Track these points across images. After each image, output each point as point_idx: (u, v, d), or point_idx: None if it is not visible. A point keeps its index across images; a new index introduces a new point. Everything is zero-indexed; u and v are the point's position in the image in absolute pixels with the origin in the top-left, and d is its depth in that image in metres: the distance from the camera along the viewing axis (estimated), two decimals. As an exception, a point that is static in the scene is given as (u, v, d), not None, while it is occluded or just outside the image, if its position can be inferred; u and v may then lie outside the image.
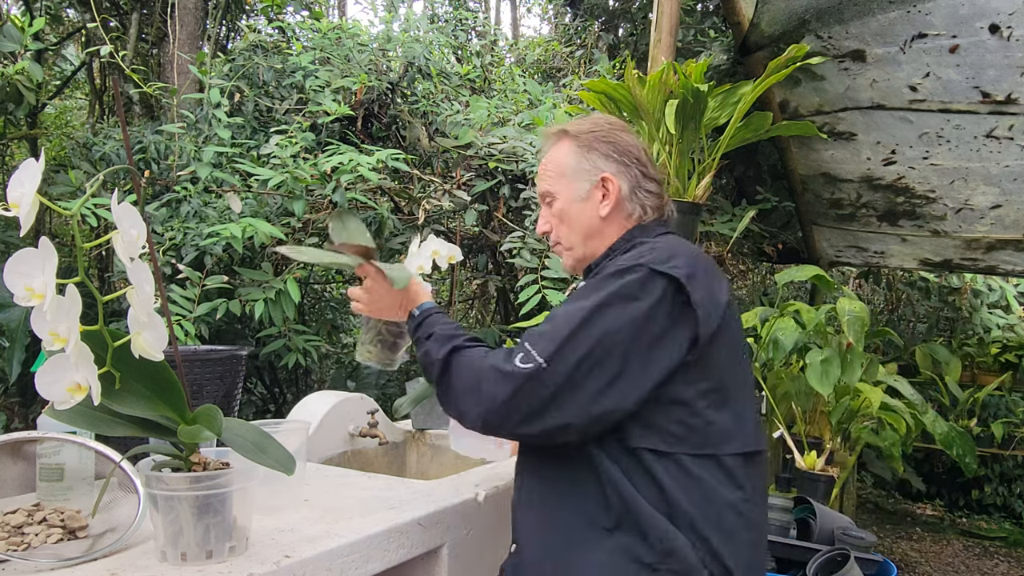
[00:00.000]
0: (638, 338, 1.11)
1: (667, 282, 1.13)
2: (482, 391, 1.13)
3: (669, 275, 1.13)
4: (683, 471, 1.12)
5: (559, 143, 1.36)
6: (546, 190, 1.36)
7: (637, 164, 1.32)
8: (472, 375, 1.16)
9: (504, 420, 1.12)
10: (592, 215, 1.31)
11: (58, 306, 0.85)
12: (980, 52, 2.62)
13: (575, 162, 1.32)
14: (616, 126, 1.36)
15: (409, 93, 3.62)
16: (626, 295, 1.12)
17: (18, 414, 3.02)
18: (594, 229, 1.32)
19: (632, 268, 1.14)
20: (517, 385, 1.10)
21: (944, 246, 3.98)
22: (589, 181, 1.31)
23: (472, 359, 1.18)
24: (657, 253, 1.17)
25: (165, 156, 3.10)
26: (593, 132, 1.33)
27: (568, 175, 1.33)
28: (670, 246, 1.21)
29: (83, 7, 3.97)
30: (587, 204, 1.32)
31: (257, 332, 2.88)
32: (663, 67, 2.29)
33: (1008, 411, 4.67)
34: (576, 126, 1.36)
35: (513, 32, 9.55)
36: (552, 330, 1.12)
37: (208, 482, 1.02)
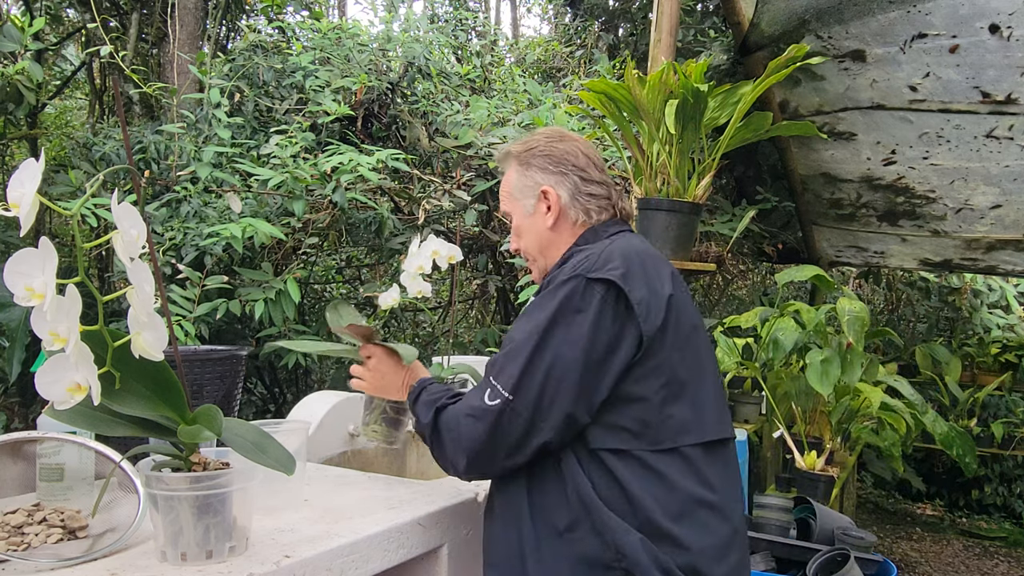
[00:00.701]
0: (590, 349, 1.14)
1: (604, 287, 1.16)
2: (462, 436, 1.18)
3: (604, 279, 1.16)
4: (644, 467, 1.14)
5: (508, 165, 1.42)
6: (505, 211, 1.44)
7: (575, 170, 1.36)
8: (453, 425, 1.21)
9: (491, 458, 1.17)
10: (541, 228, 1.37)
11: (58, 306, 0.85)
12: (980, 52, 2.62)
13: (518, 180, 1.39)
14: (553, 137, 1.40)
15: (409, 93, 3.62)
16: (569, 309, 1.16)
17: (18, 414, 3.02)
18: (546, 240, 1.37)
19: (568, 281, 1.18)
20: (491, 422, 1.15)
21: (944, 246, 3.98)
22: (532, 196, 1.37)
23: (452, 412, 1.23)
24: (591, 260, 1.20)
25: (165, 156, 3.10)
26: (530, 148, 1.38)
27: (515, 194, 1.40)
28: (607, 250, 1.22)
29: (83, 7, 3.97)
30: (535, 218, 1.37)
31: (257, 332, 2.88)
32: (663, 67, 2.29)
33: (1008, 411, 4.68)
34: (519, 145, 1.41)
35: (513, 32, 9.56)
36: (509, 361, 1.17)
37: (208, 482, 1.02)
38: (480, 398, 1.18)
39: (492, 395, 1.16)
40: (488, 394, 1.17)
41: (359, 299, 4.29)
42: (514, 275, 3.49)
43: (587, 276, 1.16)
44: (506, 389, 1.15)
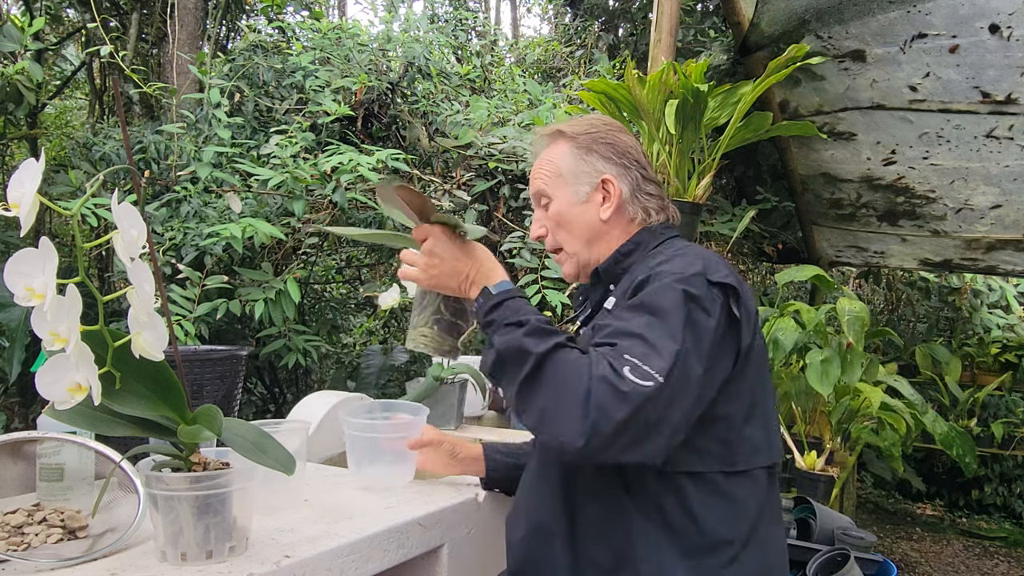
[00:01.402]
0: (710, 356, 1.03)
1: (723, 293, 1.07)
2: (591, 405, 0.94)
3: (725, 284, 1.07)
4: (715, 490, 1.08)
5: (555, 143, 1.31)
6: (541, 190, 1.30)
7: (637, 166, 1.28)
8: (577, 384, 0.97)
9: (609, 444, 0.95)
10: (593, 218, 1.26)
11: (58, 306, 0.85)
12: (980, 52, 2.62)
13: (573, 163, 1.27)
14: (614, 127, 1.31)
15: (409, 93, 3.62)
16: (697, 308, 1.03)
17: (18, 414, 3.02)
18: (596, 233, 1.26)
19: (691, 279, 1.05)
20: (637, 405, 0.94)
21: (944, 246, 3.98)
22: (589, 184, 1.26)
23: (577, 365, 0.99)
24: (703, 261, 1.09)
25: (165, 156, 3.10)
26: (591, 133, 1.28)
27: (566, 177, 1.27)
28: (703, 253, 1.14)
29: (83, 7, 3.97)
30: (587, 207, 1.26)
31: (257, 332, 2.88)
32: (663, 67, 2.29)
33: (1008, 411, 4.68)
34: (572, 127, 1.30)
35: (513, 32, 9.56)
36: (657, 343, 0.98)
37: (208, 482, 1.02)
38: (620, 373, 0.95)
39: (642, 374, 0.95)
40: (635, 372, 0.95)
41: (359, 299, 4.29)
42: (514, 275, 3.49)
43: (709, 278, 1.06)
44: (660, 373, 0.95)
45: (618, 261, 1.25)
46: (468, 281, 1.17)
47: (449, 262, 1.18)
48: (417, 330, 1.21)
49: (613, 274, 1.25)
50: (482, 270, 1.18)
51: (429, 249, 1.19)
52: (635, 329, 1.01)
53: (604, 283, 1.26)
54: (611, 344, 1.01)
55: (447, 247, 1.18)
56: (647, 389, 0.94)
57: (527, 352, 1.02)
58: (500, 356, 1.06)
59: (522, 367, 1.02)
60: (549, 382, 1.00)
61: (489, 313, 1.12)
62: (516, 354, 1.03)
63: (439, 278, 1.18)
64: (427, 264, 1.18)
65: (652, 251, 1.23)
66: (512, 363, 1.04)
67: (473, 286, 1.17)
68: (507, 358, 1.05)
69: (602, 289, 1.26)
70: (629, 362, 0.97)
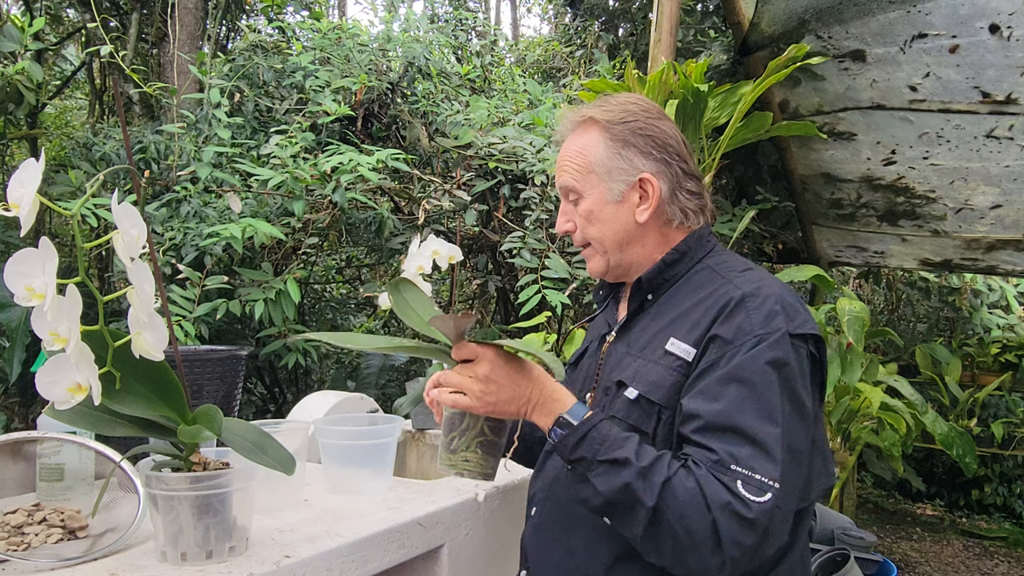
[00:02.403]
0: (810, 414, 1.00)
1: (806, 345, 1.02)
2: (722, 541, 0.90)
3: (809, 336, 1.03)
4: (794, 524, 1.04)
5: (585, 131, 1.17)
6: (571, 186, 1.17)
7: (678, 160, 1.15)
8: (701, 521, 0.91)
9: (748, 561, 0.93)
10: (627, 220, 1.15)
11: (58, 306, 0.85)
12: (980, 52, 2.62)
13: (607, 158, 1.14)
14: (652, 113, 1.17)
15: (409, 93, 3.62)
16: (792, 373, 0.98)
17: (18, 414, 3.02)
18: (632, 235, 1.15)
19: (777, 342, 0.99)
20: (765, 525, 0.91)
21: (944, 246, 3.98)
22: (625, 182, 1.14)
23: (693, 497, 0.92)
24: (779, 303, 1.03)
25: (165, 156, 3.10)
26: (628, 123, 1.14)
27: (599, 172, 1.15)
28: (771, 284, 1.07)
29: (83, 7, 3.97)
30: (622, 207, 1.14)
31: (257, 332, 2.88)
32: (663, 67, 2.29)
33: (1008, 411, 4.67)
34: (606, 112, 1.16)
35: (513, 32, 9.56)
36: (759, 435, 0.94)
37: (208, 482, 1.02)
38: (736, 493, 0.92)
39: (757, 489, 0.92)
40: (748, 488, 0.92)
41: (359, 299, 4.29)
42: (514, 275, 3.49)
43: (792, 333, 1.00)
44: (773, 480, 0.92)
45: (662, 271, 1.16)
46: (530, 405, 1.04)
47: (508, 388, 1.03)
48: (458, 455, 1.09)
49: (656, 284, 1.17)
50: (545, 392, 1.04)
51: (485, 375, 1.02)
52: (731, 421, 0.95)
53: (644, 291, 1.18)
54: (709, 449, 0.95)
55: (505, 371, 1.03)
56: (768, 504, 0.91)
57: (639, 503, 0.94)
58: (609, 502, 0.97)
59: (636, 517, 0.95)
60: (671, 526, 0.93)
61: (576, 449, 0.99)
62: (627, 504, 0.95)
63: (496, 405, 1.03)
64: (483, 392, 1.02)
65: (699, 263, 1.16)
66: (624, 510, 0.96)
67: (537, 411, 1.04)
68: (616, 503, 0.96)
69: (641, 298, 1.18)
70: (740, 475, 0.93)
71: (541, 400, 1.04)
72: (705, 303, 1.09)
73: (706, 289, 1.11)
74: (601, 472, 0.96)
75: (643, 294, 1.18)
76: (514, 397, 1.03)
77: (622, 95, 1.22)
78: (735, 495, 0.91)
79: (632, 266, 1.19)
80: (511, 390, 1.03)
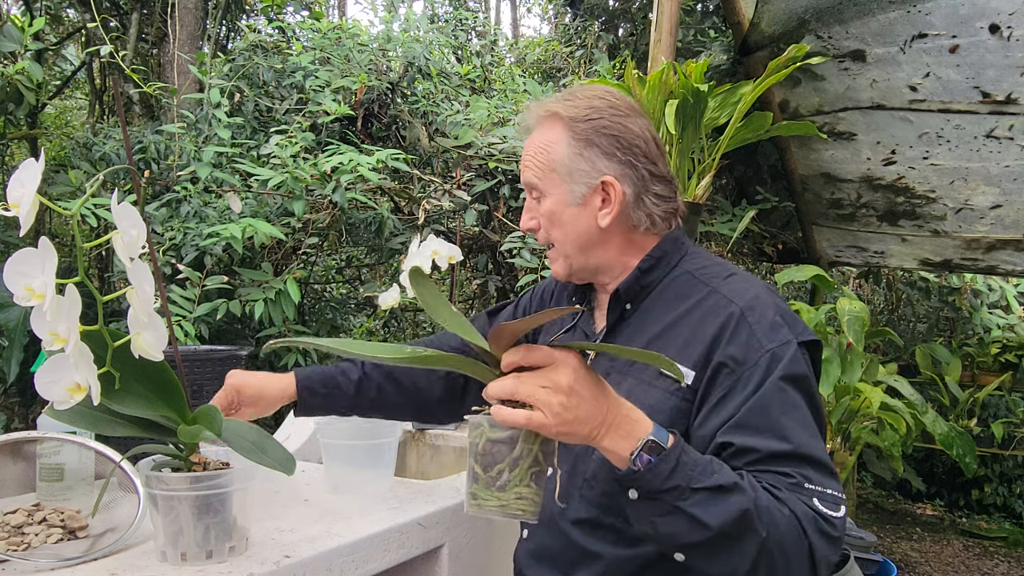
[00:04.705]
0: (824, 426, 1.02)
1: (809, 352, 1.02)
2: (817, 563, 0.88)
3: (812, 342, 1.02)
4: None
5: (550, 127, 1.12)
6: (533, 183, 1.12)
7: (645, 162, 1.09)
8: (799, 545, 0.87)
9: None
10: (589, 224, 1.10)
11: (58, 306, 0.85)
12: (980, 52, 2.62)
13: (569, 159, 1.09)
14: (620, 110, 1.11)
15: (409, 93, 3.62)
16: (811, 390, 0.99)
17: (18, 414, 3.02)
18: (593, 240, 1.11)
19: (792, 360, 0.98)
20: (840, 538, 0.91)
21: (944, 246, 3.98)
22: (586, 184, 1.09)
23: (788, 519, 0.88)
24: (779, 313, 1.02)
25: (165, 156, 3.10)
26: (591, 120, 1.09)
27: (560, 173, 1.09)
28: (770, 299, 1.04)
29: (83, 7, 3.97)
30: (583, 211, 1.09)
31: (257, 332, 2.88)
32: (663, 67, 2.29)
33: (1008, 411, 4.67)
34: (571, 108, 1.10)
35: (513, 32, 9.56)
36: (818, 457, 0.94)
37: (208, 482, 1.02)
38: (818, 512, 0.90)
39: (832, 504, 0.91)
40: (825, 503, 0.90)
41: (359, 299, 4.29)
42: (514, 275, 3.49)
43: (797, 341, 0.99)
44: (839, 491, 0.93)
45: (638, 279, 1.12)
46: (605, 426, 0.86)
47: (589, 403, 0.85)
48: (509, 491, 0.85)
49: (633, 293, 1.13)
50: (622, 411, 0.88)
51: (569, 386, 0.83)
52: (788, 445, 0.93)
53: (622, 302, 1.13)
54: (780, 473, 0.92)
55: (588, 383, 0.85)
56: (843, 518, 0.91)
57: (753, 533, 0.85)
58: (721, 534, 0.85)
59: (744, 549, 0.86)
60: (772, 555, 0.86)
61: (670, 477, 0.85)
62: (738, 535, 0.86)
63: (573, 425, 0.84)
64: (564, 407, 0.82)
65: (676, 268, 1.13)
66: (731, 543, 0.86)
67: (612, 433, 0.87)
68: (727, 536, 0.85)
69: (620, 308, 1.14)
70: (815, 492, 0.91)
71: (618, 421, 0.87)
72: (694, 315, 1.05)
73: (691, 298, 1.08)
74: (701, 501, 0.85)
75: (621, 304, 1.14)
76: (592, 415, 0.85)
77: (592, 87, 1.16)
78: (819, 514, 0.89)
79: (597, 270, 1.15)
80: (591, 406, 0.85)
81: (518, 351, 0.85)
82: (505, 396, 0.84)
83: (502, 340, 0.86)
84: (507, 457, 0.85)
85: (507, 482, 0.85)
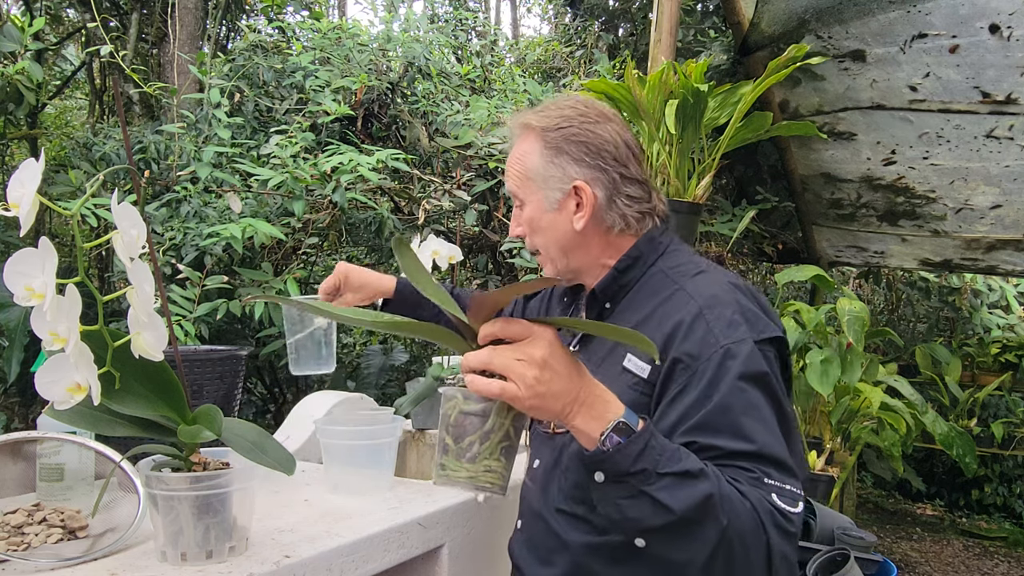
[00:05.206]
0: (787, 423, 1.01)
1: (774, 348, 1.04)
2: (774, 557, 0.89)
3: (774, 339, 1.04)
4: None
5: (525, 138, 1.18)
6: (514, 192, 1.20)
7: (616, 165, 1.14)
8: (758, 539, 0.89)
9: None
10: (566, 228, 1.15)
11: (58, 306, 0.85)
12: (980, 52, 2.62)
13: (542, 166, 1.14)
14: (590, 117, 1.15)
15: (409, 93, 3.62)
16: (773, 388, 1.00)
17: (18, 414, 3.02)
18: (572, 243, 1.16)
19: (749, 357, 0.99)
20: (797, 534, 0.93)
21: (944, 246, 3.98)
22: (560, 190, 1.14)
23: (749, 512, 0.89)
24: (740, 310, 1.03)
25: (165, 156, 3.10)
26: (562, 129, 1.14)
27: (536, 180, 1.15)
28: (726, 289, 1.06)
29: (83, 7, 3.97)
30: (560, 215, 1.15)
31: (257, 332, 2.88)
32: (663, 67, 2.29)
33: (1008, 411, 4.67)
34: (543, 118, 1.16)
35: (513, 32, 9.56)
36: (777, 454, 0.95)
37: (208, 482, 1.02)
38: (776, 507, 0.91)
39: (790, 499, 0.93)
40: (784, 498, 0.92)
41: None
42: (514, 275, 3.49)
43: (755, 339, 1.00)
44: (797, 487, 0.94)
45: (616, 279, 1.16)
46: (577, 404, 0.87)
47: (563, 379, 0.85)
48: (479, 463, 0.87)
49: (611, 292, 1.17)
50: (595, 391, 0.88)
51: (543, 360, 0.84)
52: (748, 445, 0.94)
53: (600, 302, 1.18)
54: (741, 468, 0.93)
55: (563, 358, 0.86)
56: (800, 514, 0.92)
57: (715, 521, 0.86)
58: (682, 520, 0.86)
59: (705, 536, 0.87)
60: (732, 545, 0.87)
61: (638, 460, 0.85)
62: (698, 521, 0.86)
63: (545, 398, 0.84)
64: (537, 380, 0.83)
65: (653, 267, 1.16)
66: (692, 529, 0.87)
67: (584, 411, 0.87)
68: (689, 521, 0.86)
69: (598, 308, 1.18)
70: (774, 488, 0.92)
71: (590, 400, 0.87)
72: (659, 312, 1.08)
73: (660, 296, 1.11)
74: (667, 486, 0.85)
75: (600, 304, 1.18)
76: (566, 391, 0.85)
77: (566, 98, 1.22)
78: (777, 509, 0.90)
79: (579, 271, 1.20)
80: (565, 382, 0.85)
81: (496, 323, 0.86)
82: (480, 367, 0.85)
83: (481, 312, 0.87)
84: (479, 430, 0.87)
85: (477, 454, 0.87)
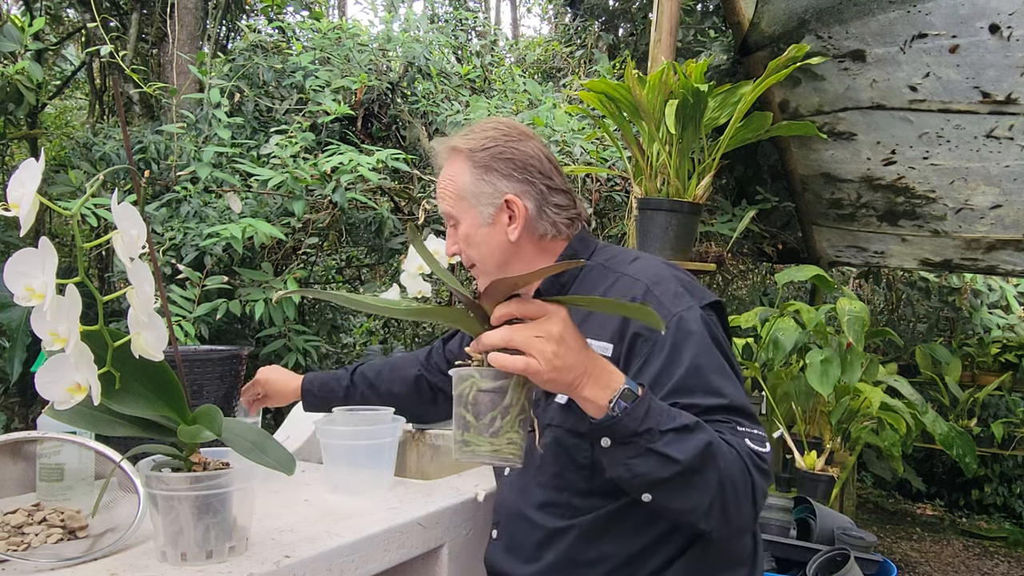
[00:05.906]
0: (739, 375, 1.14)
1: (715, 311, 1.16)
2: (756, 493, 1.02)
3: (715, 303, 1.16)
4: None
5: (454, 161, 1.26)
6: (448, 212, 1.27)
7: (542, 178, 1.24)
8: (744, 481, 1.01)
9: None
10: (501, 240, 1.24)
11: (58, 306, 0.85)
12: (980, 52, 2.62)
13: (473, 184, 1.23)
14: (513, 135, 1.25)
15: (409, 93, 3.62)
16: (723, 345, 1.13)
17: (18, 414, 3.02)
18: (508, 254, 1.25)
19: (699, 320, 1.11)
20: (771, 472, 1.05)
21: (944, 246, 3.98)
22: (492, 204, 1.23)
23: (735, 457, 1.01)
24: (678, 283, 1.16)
25: (165, 156, 3.10)
26: (488, 148, 1.23)
27: (468, 198, 1.24)
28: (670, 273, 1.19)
29: (83, 7, 3.97)
30: (494, 229, 1.24)
31: (257, 332, 2.88)
32: (663, 67, 2.29)
33: (1008, 411, 4.67)
34: (469, 141, 1.25)
35: (513, 32, 9.56)
36: (741, 403, 1.08)
37: (208, 482, 1.02)
38: (752, 449, 1.03)
39: (759, 439, 1.05)
40: (756, 439, 1.05)
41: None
42: (514, 275, 3.48)
43: (700, 305, 1.13)
44: (761, 431, 1.07)
45: (555, 280, 1.26)
46: (586, 376, 0.95)
47: (575, 353, 0.93)
48: (502, 436, 0.92)
49: (553, 291, 1.25)
50: (600, 364, 0.97)
51: (560, 335, 0.91)
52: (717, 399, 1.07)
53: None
54: (717, 420, 1.05)
55: (575, 334, 0.94)
56: (770, 453, 1.05)
57: (714, 466, 0.98)
58: (688, 468, 0.96)
59: (707, 482, 0.97)
60: (724, 487, 0.99)
61: (644, 420, 0.95)
62: (700, 468, 0.97)
63: (561, 372, 0.92)
64: (555, 354, 0.91)
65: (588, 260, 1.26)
66: (696, 477, 0.97)
67: (591, 383, 0.95)
68: (693, 470, 0.97)
69: None
70: (747, 434, 1.05)
71: (597, 371, 0.96)
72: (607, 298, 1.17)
73: (604, 284, 1.21)
74: (671, 440, 0.96)
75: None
76: (577, 364, 0.93)
77: (487, 121, 1.30)
78: (754, 452, 1.02)
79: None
80: (577, 356, 0.93)
81: (511, 303, 0.93)
82: (501, 344, 0.92)
83: (496, 295, 0.93)
84: (499, 405, 0.93)
85: (499, 428, 0.93)
